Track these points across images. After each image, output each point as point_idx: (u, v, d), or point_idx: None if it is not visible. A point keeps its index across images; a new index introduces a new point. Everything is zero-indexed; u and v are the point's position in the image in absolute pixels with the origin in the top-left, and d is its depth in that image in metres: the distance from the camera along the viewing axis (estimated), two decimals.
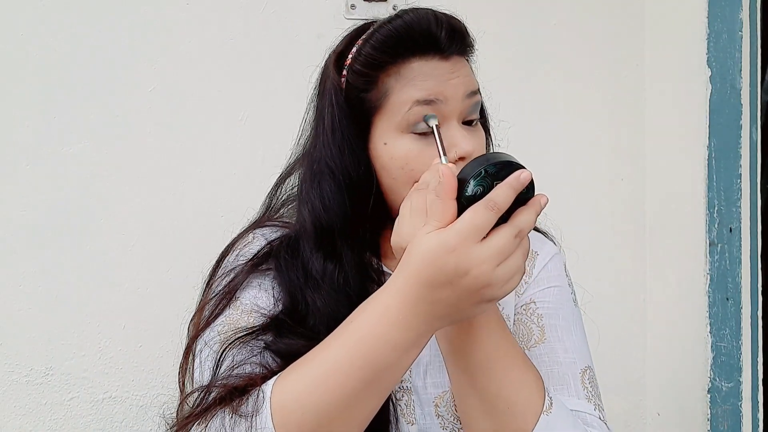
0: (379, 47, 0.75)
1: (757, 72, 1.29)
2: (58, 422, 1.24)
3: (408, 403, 0.78)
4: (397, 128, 0.75)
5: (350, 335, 0.63)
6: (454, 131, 0.74)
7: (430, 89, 0.74)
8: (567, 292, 0.85)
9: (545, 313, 0.81)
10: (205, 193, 1.29)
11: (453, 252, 0.57)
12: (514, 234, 0.59)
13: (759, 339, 1.31)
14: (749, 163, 1.28)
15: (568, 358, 0.78)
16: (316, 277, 0.76)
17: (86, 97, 1.24)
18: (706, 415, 1.31)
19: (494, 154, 0.62)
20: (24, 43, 1.22)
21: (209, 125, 1.29)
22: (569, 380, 0.76)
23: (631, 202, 1.45)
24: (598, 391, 0.79)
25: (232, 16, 1.29)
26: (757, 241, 1.30)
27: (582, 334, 0.82)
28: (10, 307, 1.22)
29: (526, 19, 1.40)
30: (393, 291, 0.61)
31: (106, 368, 1.25)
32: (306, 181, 0.81)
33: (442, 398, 0.78)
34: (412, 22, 0.74)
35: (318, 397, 0.62)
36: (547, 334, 0.79)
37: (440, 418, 0.78)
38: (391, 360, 0.62)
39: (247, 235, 0.87)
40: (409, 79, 0.74)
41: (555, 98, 1.42)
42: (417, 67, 0.75)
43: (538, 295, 0.83)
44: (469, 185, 0.60)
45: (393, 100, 0.75)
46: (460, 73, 0.76)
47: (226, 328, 0.76)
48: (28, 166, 1.23)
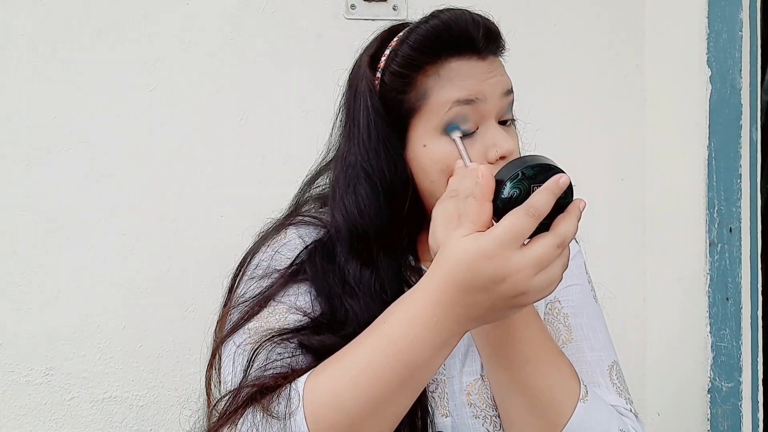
0: (417, 47, 0.74)
1: (757, 72, 1.29)
2: (58, 422, 1.24)
3: (441, 395, 0.78)
4: (437, 129, 0.74)
5: (383, 335, 0.63)
6: (494, 131, 0.74)
7: (470, 89, 0.73)
8: (588, 289, 0.87)
9: (571, 312, 0.83)
10: (205, 193, 1.29)
11: (491, 258, 0.57)
12: (556, 243, 0.58)
13: (759, 339, 1.31)
14: (749, 163, 1.28)
15: (595, 356, 0.80)
16: (353, 284, 0.75)
17: (86, 97, 1.24)
18: (706, 415, 1.31)
19: (532, 157, 0.61)
20: (24, 42, 1.22)
21: (209, 125, 1.29)
22: (598, 378, 0.78)
23: (631, 202, 1.45)
24: (626, 384, 0.81)
25: (232, 16, 1.29)
26: (757, 241, 1.30)
27: (605, 330, 0.84)
28: (10, 307, 1.22)
29: (526, 19, 1.40)
30: (427, 292, 0.61)
31: (106, 368, 1.25)
32: (340, 186, 0.79)
33: (474, 386, 0.78)
34: (450, 21, 0.74)
35: (351, 396, 0.62)
36: (573, 334, 0.81)
37: (472, 407, 0.78)
38: (424, 360, 0.61)
39: (280, 233, 0.83)
40: (448, 80, 0.74)
41: (555, 98, 1.42)
42: (456, 66, 0.74)
43: (562, 294, 0.84)
44: (506, 187, 0.59)
45: (432, 101, 0.74)
46: (497, 72, 0.76)
47: (259, 330, 0.74)
48: (28, 166, 1.23)
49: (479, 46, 0.75)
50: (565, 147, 1.42)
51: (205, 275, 1.25)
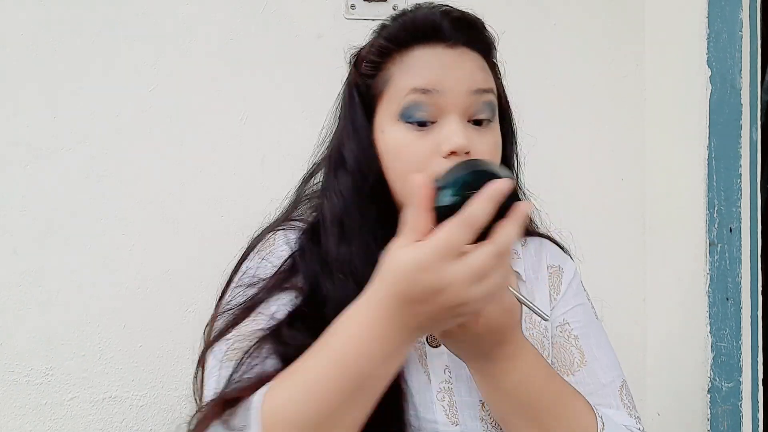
0: (387, 36, 0.77)
1: (757, 72, 1.29)
2: (58, 422, 1.24)
3: (451, 404, 0.77)
4: (393, 116, 0.75)
5: (331, 346, 0.63)
6: (451, 125, 0.72)
7: (428, 78, 0.73)
8: (589, 307, 0.86)
9: (580, 333, 0.82)
10: (205, 193, 1.29)
11: (427, 271, 0.56)
12: (493, 253, 0.56)
13: (759, 339, 1.31)
14: (749, 163, 1.28)
15: (608, 377, 0.80)
16: (330, 264, 0.76)
17: (86, 97, 1.24)
18: (706, 415, 1.31)
19: (473, 162, 0.60)
20: (24, 42, 1.22)
21: (209, 125, 1.29)
22: (611, 400, 0.79)
23: (631, 202, 1.45)
24: (633, 401, 0.82)
25: (232, 16, 1.29)
26: (757, 241, 1.30)
27: (610, 347, 0.84)
28: (10, 307, 1.22)
29: (526, 19, 1.40)
30: (370, 303, 0.61)
31: (106, 368, 1.25)
32: (326, 172, 0.83)
33: (485, 404, 0.78)
34: (419, 11, 0.77)
35: (303, 409, 0.62)
36: (586, 356, 0.81)
37: (483, 422, 0.77)
38: (371, 371, 0.61)
39: (267, 238, 0.84)
40: (409, 67, 0.75)
41: (555, 98, 1.42)
42: (419, 54, 0.75)
43: (569, 315, 0.83)
44: (446, 195, 0.58)
45: (393, 87, 0.75)
46: (466, 66, 0.74)
47: (239, 340, 0.74)
48: (28, 166, 1.23)
49: (446, 34, 0.75)
50: (565, 147, 1.43)
51: (205, 275, 1.25)
